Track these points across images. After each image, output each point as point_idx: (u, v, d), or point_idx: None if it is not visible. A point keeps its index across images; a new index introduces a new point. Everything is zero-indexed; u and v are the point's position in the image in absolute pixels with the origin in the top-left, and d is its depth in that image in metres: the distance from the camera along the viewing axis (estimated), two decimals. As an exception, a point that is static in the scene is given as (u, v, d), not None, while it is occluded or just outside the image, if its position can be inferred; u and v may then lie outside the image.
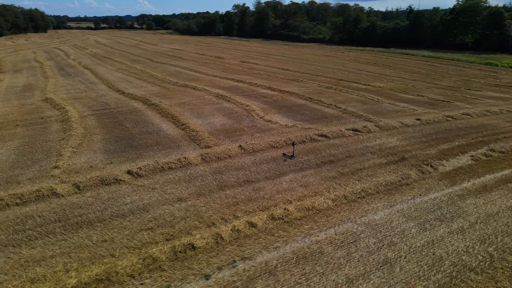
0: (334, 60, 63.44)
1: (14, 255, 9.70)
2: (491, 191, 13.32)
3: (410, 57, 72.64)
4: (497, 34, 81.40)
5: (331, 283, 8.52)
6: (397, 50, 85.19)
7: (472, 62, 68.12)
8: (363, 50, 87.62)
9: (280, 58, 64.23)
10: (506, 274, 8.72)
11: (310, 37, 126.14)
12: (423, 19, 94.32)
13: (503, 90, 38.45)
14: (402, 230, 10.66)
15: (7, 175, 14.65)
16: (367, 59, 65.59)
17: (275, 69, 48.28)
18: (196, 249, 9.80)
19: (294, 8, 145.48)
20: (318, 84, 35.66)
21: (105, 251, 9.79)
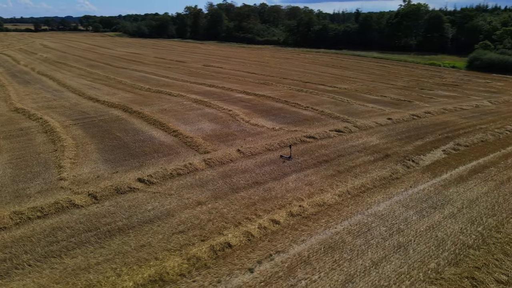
0: (293, 62, 65.78)
1: (58, 265, 10.10)
2: (467, 180, 15.46)
3: (363, 59, 76.90)
4: (437, 36, 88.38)
5: (360, 267, 9.88)
6: (350, 52, 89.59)
7: (417, 62, 73.48)
8: (318, 52, 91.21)
9: (241, 61, 65.44)
10: (498, 248, 10.59)
11: (264, 39, 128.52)
12: (371, 22, 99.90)
13: (450, 89, 42.43)
14: (405, 218, 12.31)
15: (12, 189, 14.61)
16: (324, 61, 68.69)
17: (241, 72, 49.41)
18: (233, 247, 10.76)
19: (247, 11, 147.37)
20: (289, 87, 37.32)
21: (147, 255, 10.46)
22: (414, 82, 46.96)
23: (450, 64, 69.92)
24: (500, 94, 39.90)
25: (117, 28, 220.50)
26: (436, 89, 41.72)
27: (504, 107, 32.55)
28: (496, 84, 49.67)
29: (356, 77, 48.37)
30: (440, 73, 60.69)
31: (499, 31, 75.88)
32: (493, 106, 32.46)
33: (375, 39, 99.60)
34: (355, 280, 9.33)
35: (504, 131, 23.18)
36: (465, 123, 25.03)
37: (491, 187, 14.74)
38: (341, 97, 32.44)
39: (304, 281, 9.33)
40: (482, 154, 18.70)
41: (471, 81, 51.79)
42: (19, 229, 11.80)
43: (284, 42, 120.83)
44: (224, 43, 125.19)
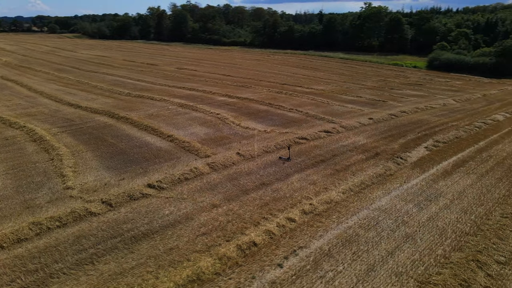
0: (265, 64, 66.94)
1: (93, 272, 10.43)
2: (452, 174, 17.05)
3: (330, 59, 79.44)
4: (397, 37, 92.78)
5: (377, 257, 10.95)
6: (316, 53, 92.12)
7: (381, 63, 76.89)
8: (286, 53, 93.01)
9: (214, 63, 65.75)
10: (493, 233, 12.03)
11: (231, 40, 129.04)
12: (335, 24, 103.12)
13: (417, 89, 45.12)
14: (406, 211, 13.57)
15: (19, 200, 14.54)
16: (294, 62, 70.40)
17: (216, 75, 49.85)
18: (258, 245, 11.51)
19: (212, 12, 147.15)
20: (268, 90, 38.30)
21: (178, 257, 11.00)
22: (382, 82, 49.39)
23: (411, 64, 73.71)
24: (461, 93, 42.95)
25: (76, 29, 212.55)
26: (403, 88, 44.20)
27: (468, 105, 35.23)
28: (456, 83, 53.19)
29: (328, 78, 50.19)
30: (404, 73, 63.93)
31: (454, 33, 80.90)
32: (458, 104, 35.04)
33: (339, 40, 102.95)
34: (376, 269, 10.37)
35: (474, 127, 25.32)
36: (437, 121, 27.04)
37: (474, 180, 16.38)
38: (320, 99, 33.81)
39: (331, 273, 10.25)
40: (460, 149, 20.50)
41: (433, 80, 55.07)
42: (41, 239, 11.92)
43: (250, 43, 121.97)
44: (191, 45, 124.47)
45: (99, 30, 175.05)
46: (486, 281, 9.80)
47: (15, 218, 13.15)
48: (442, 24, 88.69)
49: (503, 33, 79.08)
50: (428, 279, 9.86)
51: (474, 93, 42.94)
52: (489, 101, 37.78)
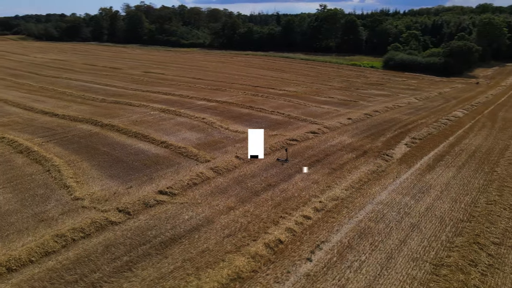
0: (230, 66, 67.63)
1: (135, 278, 10.85)
2: (435, 168, 18.91)
3: (292, 60, 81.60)
4: (353, 38, 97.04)
5: (392, 245, 12.25)
6: (277, 54, 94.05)
7: (341, 63, 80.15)
8: (247, 55, 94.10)
9: (179, 66, 65.44)
10: (484, 218, 13.77)
11: (190, 42, 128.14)
12: (294, 25, 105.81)
13: (379, 88, 47.96)
14: (405, 203, 15.06)
15: (29, 213, 14.42)
16: (258, 64, 71.73)
17: (186, 78, 49.90)
18: (283, 243, 12.42)
19: (168, 13, 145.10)
20: (243, 92, 39.15)
21: (213, 258, 11.65)
22: (346, 83, 51.88)
23: (369, 64, 77.47)
24: (419, 91, 46.25)
25: (19, 31, 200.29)
26: (367, 88, 46.81)
27: (429, 103, 38.20)
28: (411, 82, 56.92)
29: (296, 80, 51.91)
30: (363, 73, 67.24)
31: (404, 34, 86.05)
32: (421, 103, 37.89)
33: (297, 41, 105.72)
34: (394, 256, 11.64)
35: (440, 124, 27.77)
36: (408, 119, 29.30)
37: (455, 172, 18.31)
38: (296, 100, 35.22)
39: (356, 262, 11.39)
40: (435, 145, 22.58)
41: (391, 80, 58.54)
42: (69, 251, 12.06)
43: (210, 45, 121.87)
44: (148, 47, 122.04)
45: (46, 32, 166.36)
46: (489, 259, 11.38)
47: (33, 232, 13.10)
48: (393, 26, 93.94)
49: (448, 35, 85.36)
50: (441, 262, 11.27)
51: (431, 91, 46.40)
52: (446, 99, 41.13)
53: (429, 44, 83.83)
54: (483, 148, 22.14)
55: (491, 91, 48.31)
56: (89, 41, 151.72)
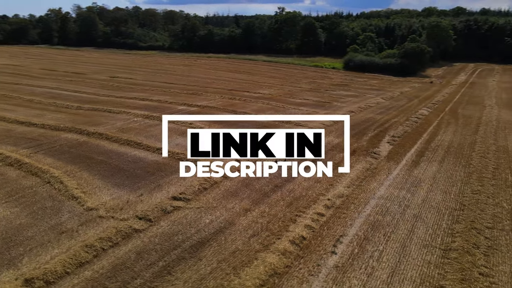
0: (197, 69, 67.72)
1: (177, 281, 11.40)
2: (419, 163, 20.78)
3: (256, 63, 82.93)
4: (312, 40, 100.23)
5: (403, 235, 13.65)
6: (239, 56, 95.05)
7: (304, 65, 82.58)
8: (210, 57, 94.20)
9: (144, 70, 64.55)
10: (474, 207, 15.58)
11: (148, 44, 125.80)
12: (254, 27, 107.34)
13: (346, 89, 50.43)
14: (403, 197, 16.62)
15: (45, 227, 14.39)
16: (225, 67, 72.34)
17: (157, 83, 49.58)
18: (306, 239, 13.44)
19: (124, 15, 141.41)
20: (220, 96, 39.76)
21: (245, 258, 12.43)
22: (314, 84, 53.96)
23: (330, 65, 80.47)
24: (383, 91, 49.20)
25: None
26: (335, 89, 49.08)
27: (394, 102, 40.90)
28: (373, 82, 60.18)
29: (266, 82, 53.23)
30: (326, 74, 69.96)
31: (361, 36, 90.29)
32: (387, 102, 40.50)
33: (258, 43, 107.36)
34: (407, 245, 13.03)
35: (412, 122, 30.11)
36: (382, 118, 31.42)
37: (437, 167, 20.26)
38: (274, 103, 36.43)
39: (376, 252, 12.64)
40: (413, 142, 24.62)
41: (353, 80, 61.49)
42: (102, 260, 12.31)
43: (170, 47, 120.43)
44: (104, 50, 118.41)
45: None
46: (487, 242, 13.08)
47: (57, 245, 13.15)
48: (350, 29, 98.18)
49: (400, 37, 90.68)
50: (448, 246, 12.81)
51: (393, 91, 49.49)
52: (409, 98, 44.17)
53: (383, 45, 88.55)
54: (455, 144, 24.46)
55: (445, 89, 52.30)
56: (37, 44, 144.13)
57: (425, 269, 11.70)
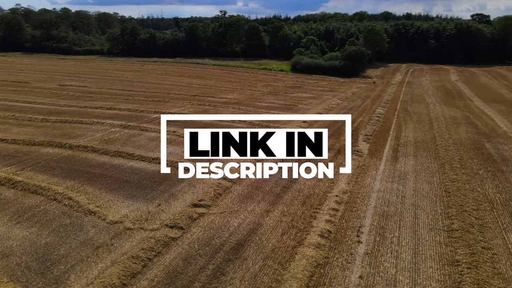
0: (150, 75, 66.63)
1: (234, 280, 12.36)
2: (398, 158, 23.41)
3: (206, 67, 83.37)
4: (257, 43, 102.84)
5: (410, 222, 15.76)
6: (186, 60, 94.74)
7: (253, 68, 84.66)
8: (156, 62, 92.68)
9: (95, 77, 62.17)
10: (457, 192, 18.23)
11: (84, 49, 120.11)
12: (198, 31, 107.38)
13: (302, 91, 53.21)
14: (397, 189, 18.92)
15: (76, 243, 14.41)
16: (177, 72, 71.99)
17: (115, 90, 48.38)
18: (332, 232, 15.03)
19: (54, 17, 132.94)
20: (189, 103, 40.13)
21: (286, 253, 13.68)
22: (270, 87, 56.13)
23: (278, 68, 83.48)
24: (336, 92, 52.70)
25: None
26: (293, 92, 51.59)
27: (352, 102, 44.26)
28: (323, 84, 63.89)
29: (223, 86, 54.37)
30: (277, 76, 72.68)
31: (304, 39, 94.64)
32: (346, 103, 43.70)
33: (203, 47, 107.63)
34: (417, 229, 15.16)
35: (375, 121, 33.17)
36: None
37: (414, 160, 23.01)
38: (244, 107, 37.70)
39: (394, 238, 14.59)
40: (384, 139, 27.41)
41: (305, 82, 64.78)
42: (152, 269, 12.85)
43: (109, 52, 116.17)
44: (34, 54, 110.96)
45: None
46: (478, 221, 15.63)
47: (99, 259, 13.37)
48: (292, 32, 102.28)
49: (340, 40, 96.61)
50: (450, 228, 15.16)
51: (345, 92, 53.21)
52: (361, 98, 47.95)
53: (325, 48, 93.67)
54: (419, 139, 27.69)
55: (389, 89, 57.26)
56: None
57: (438, 248, 13.85)
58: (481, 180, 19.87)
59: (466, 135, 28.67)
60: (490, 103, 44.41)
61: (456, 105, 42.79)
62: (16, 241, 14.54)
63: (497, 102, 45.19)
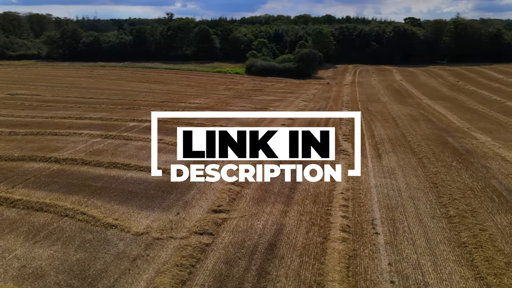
0: (105, 80, 64.34)
1: (279, 278, 13.29)
2: (381, 155, 25.60)
3: (159, 71, 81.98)
4: (208, 46, 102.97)
5: (413, 212, 17.65)
6: (136, 64, 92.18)
7: (207, 71, 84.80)
8: (104, 67, 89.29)
9: (45, 84, 58.77)
10: (443, 183, 20.62)
11: (19, 53, 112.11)
12: (146, 34, 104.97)
13: (264, 93, 54.78)
14: (391, 184, 20.90)
15: (110, 258, 14.41)
16: (133, 77, 70.23)
17: (74, 98, 46.46)
18: (350, 226, 16.45)
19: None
20: (161, 109, 39.78)
21: (317, 249, 14.87)
22: (233, 90, 57.10)
23: (233, 71, 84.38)
24: (297, 94, 54.97)
25: None
26: (257, 95, 52.96)
27: (317, 104, 46.58)
28: (281, 86, 66.04)
29: (187, 91, 54.44)
30: (234, 79, 73.68)
31: (255, 42, 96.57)
32: (312, 104, 45.93)
33: (152, 50, 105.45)
34: (422, 218, 17.08)
35: (346, 121, 35.49)
36: (321, 119, 36.16)
37: (395, 156, 25.32)
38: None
39: (405, 228, 16.35)
40: (362, 138, 29.62)
41: (263, 84, 66.51)
42: (198, 275, 13.36)
43: (48, 56, 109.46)
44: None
45: None
46: (468, 207, 17.92)
47: (141, 270, 13.61)
48: (243, 35, 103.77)
49: (290, 42, 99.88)
50: (447, 215, 17.28)
51: (305, 93, 55.65)
52: (323, 99, 50.60)
53: (275, 50, 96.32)
54: (392, 136, 30.32)
55: (344, 89, 60.78)
56: None
57: (445, 233, 15.85)
58: (457, 171, 22.53)
59: (429, 131, 31.84)
60: (436, 100, 49.08)
61: (409, 104, 46.79)
62: (44, 260, 14.21)
63: (442, 99, 50.04)
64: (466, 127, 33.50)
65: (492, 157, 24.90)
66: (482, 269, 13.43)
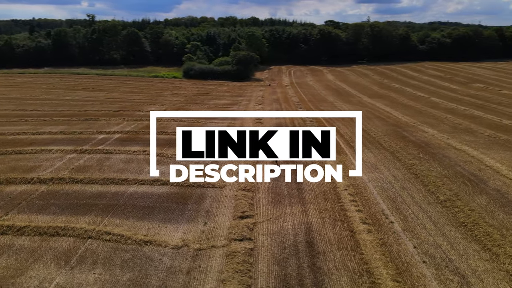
0: (34, 90, 59.15)
1: (333, 270, 14.75)
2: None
3: (91, 77, 77.42)
4: (138, 50, 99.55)
5: (411, 201, 20.23)
6: (61, 70, 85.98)
7: (143, 76, 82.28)
8: (22, 74, 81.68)
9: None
10: (422, 174, 23.65)
11: None
12: (67, 38, 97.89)
13: (214, 98, 55.39)
14: (381, 177, 23.41)
15: (162, 274, 14.46)
16: (64, 84, 65.71)
17: (17, 112, 42.44)
18: (368, 219, 18.42)
19: None
20: (123, 119, 38.37)
21: (349, 242, 16.54)
22: (181, 96, 56.84)
23: (170, 75, 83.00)
24: (246, 97, 56.50)
25: None
26: (207, 99, 53.39)
27: (271, 105, 48.62)
28: (224, 89, 67.07)
29: (134, 98, 53.05)
30: (174, 83, 72.90)
31: (188, 45, 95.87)
32: (267, 107, 47.79)
33: (76, 55, 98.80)
34: (422, 206, 19.68)
35: (309, 121, 37.94)
36: (290, 122, 38.15)
37: (371, 153, 28.09)
38: (185, 121, 38.21)
39: (412, 214, 18.77)
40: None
41: (206, 88, 66.95)
42: (258, 278, 14.19)
43: None
44: None
45: None
46: (451, 192, 21.02)
47: (201, 282, 14.03)
48: (174, 38, 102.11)
49: (222, 45, 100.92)
50: (439, 200, 20.12)
51: (252, 95, 57.60)
52: (274, 101, 52.84)
53: (209, 53, 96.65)
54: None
55: (288, 90, 63.78)
56: None
57: (445, 216, 18.58)
58: (427, 162, 25.95)
59: (385, 127, 35.57)
60: (373, 98, 54.20)
61: (353, 102, 51.10)
62: (92, 285, 13.85)
63: (377, 97, 55.33)
64: (412, 122, 37.97)
65: (447, 148, 28.95)
66: (486, 243, 16.23)
